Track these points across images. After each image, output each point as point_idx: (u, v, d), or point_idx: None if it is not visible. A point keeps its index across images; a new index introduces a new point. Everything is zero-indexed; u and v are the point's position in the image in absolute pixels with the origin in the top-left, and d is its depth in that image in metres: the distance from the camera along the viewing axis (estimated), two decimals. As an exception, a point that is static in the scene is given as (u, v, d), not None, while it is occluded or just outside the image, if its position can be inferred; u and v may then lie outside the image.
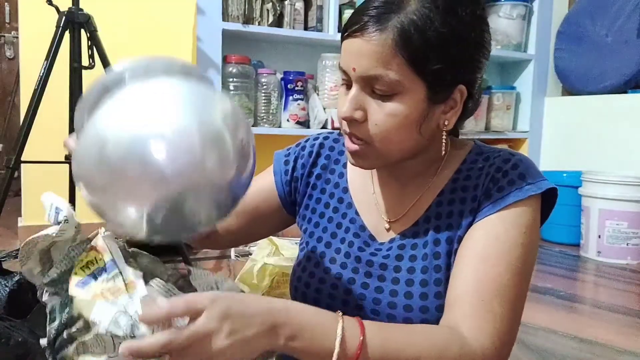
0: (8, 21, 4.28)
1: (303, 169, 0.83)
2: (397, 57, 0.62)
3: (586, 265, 2.61)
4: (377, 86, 0.64)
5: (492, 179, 0.70)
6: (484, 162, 0.72)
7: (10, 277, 1.21)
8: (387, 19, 0.62)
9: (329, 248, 0.77)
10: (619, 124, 3.08)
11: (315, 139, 0.85)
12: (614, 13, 3.18)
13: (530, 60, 3.43)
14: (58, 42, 1.87)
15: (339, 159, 0.82)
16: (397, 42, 0.62)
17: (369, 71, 0.63)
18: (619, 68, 3.14)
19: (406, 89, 0.64)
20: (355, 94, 0.66)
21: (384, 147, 0.67)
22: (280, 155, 0.86)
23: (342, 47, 0.67)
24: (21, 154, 1.84)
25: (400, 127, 0.65)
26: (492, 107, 3.39)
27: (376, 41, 0.62)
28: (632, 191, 2.59)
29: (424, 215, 0.73)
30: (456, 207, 0.71)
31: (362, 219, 0.77)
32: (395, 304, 0.69)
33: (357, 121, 0.66)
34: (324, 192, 0.81)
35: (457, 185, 0.73)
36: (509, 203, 0.67)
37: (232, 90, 2.65)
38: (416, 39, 0.62)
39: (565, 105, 3.43)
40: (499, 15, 3.33)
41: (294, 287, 0.79)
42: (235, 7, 2.63)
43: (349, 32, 0.65)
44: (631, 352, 1.55)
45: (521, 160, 0.71)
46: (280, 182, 0.84)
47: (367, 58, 0.63)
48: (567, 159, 3.31)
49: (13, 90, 4.15)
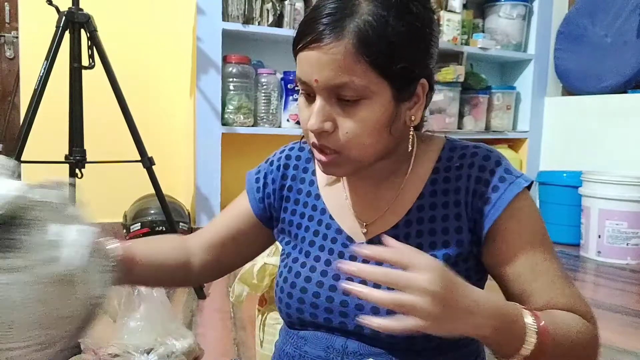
0: (8, 21, 4.28)
1: (274, 184, 0.82)
2: (360, 62, 0.61)
3: (586, 265, 2.61)
4: (343, 94, 0.63)
5: (478, 180, 0.69)
6: (460, 160, 0.71)
7: (10, 277, 1.21)
8: (342, 25, 0.60)
9: (308, 257, 0.76)
10: (619, 124, 3.08)
11: (281, 152, 0.84)
12: (613, 13, 3.18)
13: (530, 60, 3.43)
14: (58, 42, 1.87)
15: (307, 167, 0.81)
16: (358, 47, 0.60)
17: (332, 81, 0.62)
18: (618, 68, 3.14)
19: (373, 92, 0.63)
20: (321, 105, 0.64)
21: (357, 153, 0.66)
22: (251, 174, 0.85)
23: (297, 59, 0.65)
24: (21, 154, 1.84)
25: (371, 132, 0.64)
26: (492, 107, 3.39)
27: (336, 49, 0.60)
28: (632, 191, 2.59)
29: (405, 219, 0.72)
30: (438, 212, 0.71)
31: (337, 223, 0.76)
32: (378, 309, 0.68)
33: (326, 132, 0.65)
34: (298, 203, 0.80)
35: (437, 188, 0.72)
36: (511, 199, 0.68)
37: (232, 90, 2.65)
38: (376, 41, 0.60)
39: (565, 105, 3.43)
40: (499, 15, 3.34)
41: (278, 297, 0.77)
42: (235, 7, 2.63)
43: (304, 43, 0.63)
44: (631, 352, 1.55)
45: (499, 155, 0.72)
46: (254, 200, 0.83)
47: (328, 68, 0.61)
48: (567, 159, 3.31)
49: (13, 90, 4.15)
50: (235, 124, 2.67)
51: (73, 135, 1.99)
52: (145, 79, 2.73)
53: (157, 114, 2.78)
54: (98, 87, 2.06)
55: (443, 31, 3.12)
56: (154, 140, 2.46)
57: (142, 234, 2.39)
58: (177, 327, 1.38)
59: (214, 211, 2.66)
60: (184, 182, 2.85)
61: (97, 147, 2.16)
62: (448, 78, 3.10)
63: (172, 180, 2.75)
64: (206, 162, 2.62)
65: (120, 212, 2.60)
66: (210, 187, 2.64)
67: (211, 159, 2.62)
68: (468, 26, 3.29)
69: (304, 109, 0.67)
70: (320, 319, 0.71)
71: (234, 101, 2.66)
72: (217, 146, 2.62)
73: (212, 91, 2.59)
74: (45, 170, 2.37)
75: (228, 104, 2.67)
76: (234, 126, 2.66)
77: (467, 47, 3.21)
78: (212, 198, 2.65)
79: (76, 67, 1.93)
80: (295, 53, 0.66)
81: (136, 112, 2.01)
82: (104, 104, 2.12)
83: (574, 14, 3.41)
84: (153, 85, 2.77)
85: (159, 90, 2.80)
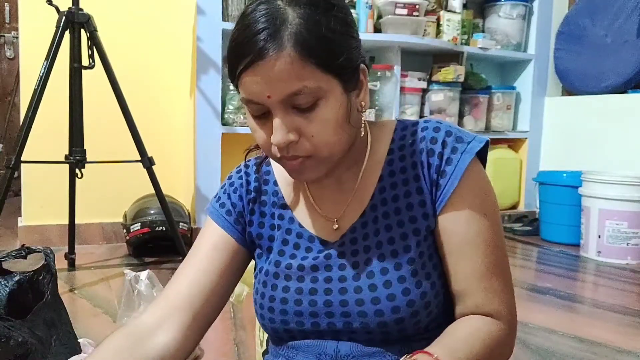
0: (8, 21, 4.28)
1: (241, 201, 0.80)
2: (306, 66, 0.61)
3: (586, 265, 2.61)
4: (298, 101, 0.63)
5: (431, 153, 0.71)
6: (412, 137, 0.73)
7: (10, 277, 1.21)
8: (279, 36, 0.61)
9: (278, 267, 0.75)
10: (619, 124, 3.08)
11: (238, 171, 0.82)
12: (613, 13, 3.18)
13: (530, 60, 3.43)
14: (58, 42, 1.87)
15: (267, 178, 0.80)
16: (300, 52, 0.61)
17: (286, 91, 0.62)
18: (618, 68, 3.15)
19: (326, 91, 0.64)
20: (281, 119, 0.64)
21: (327, 152, 0.67)
22: (211, 207, 0.82)
23: (241, 83, 0.64)
24: (21, 153, 1.84)
25: (335, 129, 0.65)
26: (492, 107, 3.39)
27: (281, 61, 0.61)
28: (632, 191, 2.60)
29: (370, 204, 0.73)
30: (400, 190, 0.72)
31: (308, 230, 0.76)
32: (362, 300, 0.68)
33: (293, 142, 0.65)
34: (264, 215, 0.79)
35: (394, 168, 0.73)
36: (464, 169, 0.69)
37: (232, 90, 2.65)
38: (314, 41, 0.61)
39: (565, 105, 3.43)
40: (499, 15, 3.34)
41: (260, 315, 0.75)
42: (235, 7, 2.63)
43: (246, 65, 0.62)
44: (631, 352, 1.55)
45: (449, 125, 0.73)
46: (230, 225, 0.79)
47: (278, 81, 0.61)
48: (567, 159, 3.31)
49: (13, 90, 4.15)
50: (235, 124, 2.67)
51: (73, 135, 1.99)
52: (145, 79, 2.73)
53: (157, 114, 2.78)
54: (98, 87, 2.06)
55: (443, 31, 3.12)
56: (154, 140, 2.46)
57: (142, 233, 2.39)
58: (177, 327, 1.38)
59: (214, 211, 2.66)
60: (184, 182, 2.85)
61: (97, 147, 2.16)
62: (448, 78, 3.10)
63: (172, 180, 2.75)
64: (206, 162, 2.62)
65: (120, 212, 2.60)
66: (210, 187, 2.64)
67: (211, 159, 2.62)
68: (468, 26, 3.29)
69: (258, 129, 0.67)
70: (307, 325, 0.71)
71: (234, 101, 2.66)
72: (217, 146, 2.62)
73: (212, 91, 2.59)
74: (46, 170, 2.38)
75: (228, 104, 2.67)
76: (234, 126, 2.66)
77: (467, 47, 3.21)
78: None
79: (76, 67, 1.93)
80: (236, 78, 0.65)
81: (136, 112, 2.01)
82: (104, 104, 2.12)
83: (574, 14, 3.41)
84: (153, 85, 2.77)
85: (159, 90, 2.80)
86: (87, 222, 2.62)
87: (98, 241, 2.68)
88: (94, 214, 2.65)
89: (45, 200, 2.56)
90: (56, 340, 1.14)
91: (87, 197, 2.45)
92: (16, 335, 1.03)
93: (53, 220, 2.55)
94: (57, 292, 1.21)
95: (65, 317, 1.22)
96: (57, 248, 2.02)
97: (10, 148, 3.74)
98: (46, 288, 1.18)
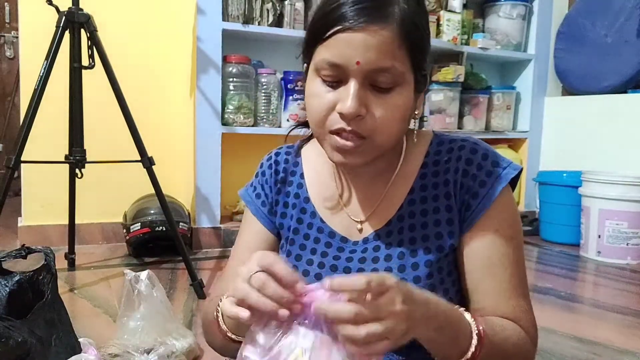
0: (8, 21, 4.28)
1: (272, 191, 0.81)
2: (402, 48, 0.62)
3: (586, 265, 2.61)
4: (379, 80, 0.63)
5: (465, 174, 0.70)
6: (448, 154, 0.72)
7: (10, 277, 1.21)
8: (388, 10, 0.61)
9: (299, 261, 0.75)
10: (619, 124, 3.08)
11: (268, 159, 0.83)
12: (613, 13, 3.18)
13: (530, 60, 3.43)
14: (58, 42, 1.87)
15: (295, 170, 0.81)
16: (402, 33, 0.61)
17: (376, 64, 0.61)
18: (619, 68, 3.15)
19: (405, 80, 0.64)
20: (357, 89, 0.62)
21: (383, 140, 0.66)
22: (245, 193, 0.83)
23: (332, 41, 0.62)
24: (21, 154, 1.84)
25: (400, 119, 0.66)
26: (492, 107, 3.39)
27: (384, 33, 0.61)
28: (632, 191, 2.60)
29: (397, 214, 0.73)
30: (429, 205, 0.72)
31: (329, 226, 0.76)
32: None
33: (360, 117, 0.63)
34: (287, 206, 0.79)
35: (427, 182, 0.73)
36: (496, 194, 0.69)
37: (232, 90, 2.65)
38: (414, 30, 0.62)
39: (565, 105, 3.43)
40: (499, 15, 3.34)
41: None
42: (235, 7, 2.63)
43: (348, 25, 0.61)
44: (631, 352, 1.54)
45: (487, 148, 0.72)
46: (265, 217, 0.80)
47: (374, 50, 0.61)
48: (567, 159, 3.31)
49: (13, 90, 4.15)
50: (235, 124, 2.67)
51: (73, 135, 1.99)
52: (145, 78, 2.73)
53: (157, 113, 2.78)
54: (98, 87, 2.06)
55: (443, 31, 3.12)
56: (154, 140, 2.46)
57: (142, 233, 2.39)
58: (177, 327, 1.38)
59: (214, 211, 2.66)
60: (184, 182, 2.85)
61: (97, 147, 2.16)
62: (448, 78, 3.10)
63: (172, 180, 2.75)
64: (206, 162, 2.62)
65: (120, 212, 2.60)
66: (210, 187, 2.64)
67: (211, 159, 2.62)
68: (468, 26, 3.29)
69: (324, 94, 0.65)
70: None
71: (234, 101, 2.66)
72: (217, 146, 2.62)
73: (212, 91, 2.59)
74: (46, 170, 2.38)
75: (228, 103, 2.66)
76: (234, 126, 2.66)
77: (467, 47, 3.21)
78: (212, 198, 2.65)
79: (76, 67, 1.93)
80: (324, 38, 0.63)
81: (136, 112, 2.01)
82: (104, 104, 2.12)
83: (574, 14, 3.41)
84: (153, 85, 2.77)
85: (159, 90, 2.80)
86: (87, 222, 2.62)
87: (98, 241, 2.68)
88: (94, 214, 2.65)
89: (45, 200, 2.56)
90: (56, 340, 1.14)
91: (87, 197, 2.45)
92: (16, 335, 1.03)
93: (53, 220, 2.55)
94: (57, 292, 1.21)
95: (65, 317, 1.22)
96: (57, 248, 2.02)
97: (10, 148, 3.73)
98: (46, 288, 1.18)
